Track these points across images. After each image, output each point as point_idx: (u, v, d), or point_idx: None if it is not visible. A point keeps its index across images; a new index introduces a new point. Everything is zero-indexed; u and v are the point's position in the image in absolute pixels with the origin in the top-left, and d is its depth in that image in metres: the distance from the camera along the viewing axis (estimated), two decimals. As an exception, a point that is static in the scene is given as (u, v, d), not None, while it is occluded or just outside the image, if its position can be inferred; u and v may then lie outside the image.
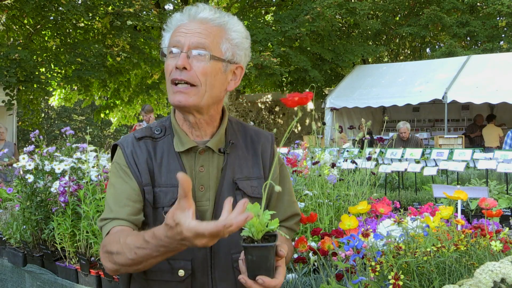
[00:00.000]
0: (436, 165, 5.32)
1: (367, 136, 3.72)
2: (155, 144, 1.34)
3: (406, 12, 16.55)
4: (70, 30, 11.63)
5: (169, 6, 13.86)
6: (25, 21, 11.76)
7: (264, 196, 1.12)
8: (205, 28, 1.27)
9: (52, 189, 2.94)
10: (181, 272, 1.25)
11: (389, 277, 1.36)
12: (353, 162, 3.77)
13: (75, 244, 2.91)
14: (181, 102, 1.25)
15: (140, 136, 1.34)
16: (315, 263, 2.00)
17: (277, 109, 17.04)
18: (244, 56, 1.35)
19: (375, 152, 5.52)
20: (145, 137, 1.34)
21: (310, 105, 15.80)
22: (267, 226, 1.11)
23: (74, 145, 3.32)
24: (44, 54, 10.85)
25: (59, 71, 11.24)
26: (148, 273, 1.27)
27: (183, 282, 1.26)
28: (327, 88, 14.25)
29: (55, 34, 11.84)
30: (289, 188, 1.45)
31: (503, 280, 1.19)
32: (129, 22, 10.54)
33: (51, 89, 12.48)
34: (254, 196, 1.31)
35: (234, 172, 1.33)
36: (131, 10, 10.17)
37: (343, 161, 3.86)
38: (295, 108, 1.10)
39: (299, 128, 16.41)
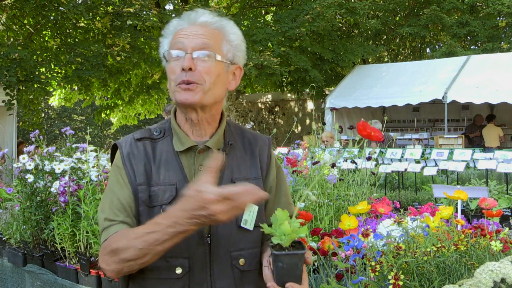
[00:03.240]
0: (436, 165, 5.32)
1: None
2: (154, 144, 1.37)
3: (406, 12, 16.53)
4: (70, 30, 11.61)
5: (169, 6, 13.85)
6: (25, 21, 11.74)
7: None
8: (206, 31, 1.32)
9: (52, 189, 2.94)
10: (179, 270, 1.27)
11: (389, 277, 1.36)
12: (353, 162, 3.77)
13: (75, 244, 2.91)
14: (187, 99, 1.28)
15: (139, 137, 1.38)
16: (315, 263, 2.00)
17: (277, 109, 17.04)
18: (242, 58, 1.41)
19: (375, 152, 5.52)
20: (144, 138, 1.38)
21: (310, 105, 15.80)
22: None
23: (74, 145, 3.32)
24: (44, 54, 10.83)
25: (59, 71, 11.22)
26: (145, 271, 1.28)
27: (180, 279, 1.27)
28: (327, 88, 14.23)
29: (55, 34, 11.83)
30: (286, 190, 1.47)
31: (503, 280, 1.19)
32: (129, 22, 10.53)
33: (51, 89, 12.45)
34: None
35: (232, 172, 1.36)
36: (131, 10, 10.15)
37: (343, 161, 3.86)
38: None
39: (299, 128, 16.41)
